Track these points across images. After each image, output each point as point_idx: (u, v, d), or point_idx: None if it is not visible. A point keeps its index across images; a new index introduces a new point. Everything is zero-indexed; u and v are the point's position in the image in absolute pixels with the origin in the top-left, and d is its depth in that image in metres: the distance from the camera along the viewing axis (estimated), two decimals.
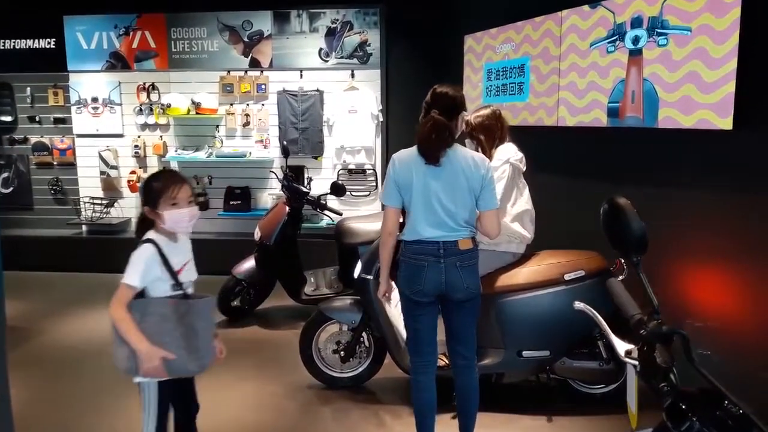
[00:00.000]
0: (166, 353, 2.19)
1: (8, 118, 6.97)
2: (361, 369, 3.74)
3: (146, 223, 2.36)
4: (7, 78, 6.92)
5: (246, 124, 6.62)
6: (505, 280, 3.39)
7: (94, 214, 6.82)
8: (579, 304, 1.93)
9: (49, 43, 6.74)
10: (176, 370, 2.26)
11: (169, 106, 6.50)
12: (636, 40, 3.56)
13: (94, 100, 6.80)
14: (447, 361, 3.38)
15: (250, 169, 6.63)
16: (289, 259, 4.90)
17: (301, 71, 6.48)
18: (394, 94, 6.47)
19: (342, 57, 6.39)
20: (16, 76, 6.91)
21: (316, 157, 6.57)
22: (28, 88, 6.91)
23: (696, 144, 3.41)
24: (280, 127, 6.54)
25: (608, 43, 3.77)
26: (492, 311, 3.40)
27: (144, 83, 6.73)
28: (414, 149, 2.69)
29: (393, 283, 2.95)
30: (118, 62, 6.67)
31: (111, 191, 6.96)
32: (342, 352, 3.66)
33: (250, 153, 6.56)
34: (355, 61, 6.39)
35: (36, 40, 6.77)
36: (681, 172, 3.54)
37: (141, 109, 6.75)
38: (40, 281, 6.38)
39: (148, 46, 6.61)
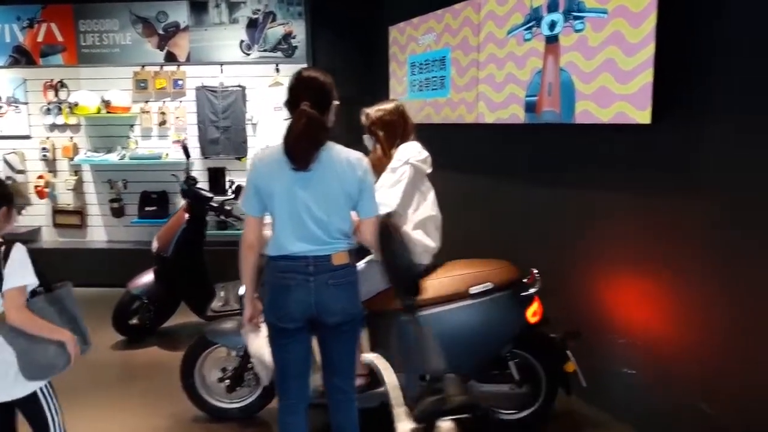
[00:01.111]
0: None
1: None
2: (251, 399, 3.30)
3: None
4: None
5: (162, 123, 6.13)
6: None
7: None
8: (368, 357, 1.51)
9: None
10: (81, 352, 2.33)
11: (76, 104, 5.97)
12: (552, 25, 3.20)
13: None
14: None
15: (167, 172, 6.12)
16: (191, 271, 4.44)
17: (221, 65, 6.02)
18: None
19: (265, 50, 5.94)
20: None
21: (239, 158, 6.11)
22: None
23: (614, 141, 3.07)
24: (199, 126, 6.06)
25: (525, 30, 3.40)
26: (390, 331, 3.00)
27: (52, 80, 6.19)
28: (279, 148, 2.24)
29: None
30: (22, 57, 6.10)
31: (17, 198, 6.39)
32: (228, 381, 3.22)
33: (167, 154, 6.07)
34: (279, 54, 5.95)
35: None
36: (599, 173, 3.21)
37: (49, 109, 6.22)
38: None
39: (54, 39, 6.06)
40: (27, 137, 6.31)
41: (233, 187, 4.94)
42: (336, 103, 2.34)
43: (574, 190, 3.37)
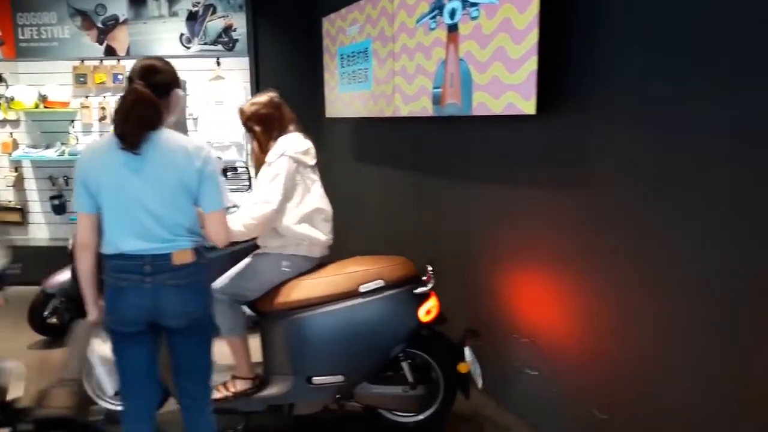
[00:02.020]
0: None
1: None
2: None
3: None
4: None
5: (102, 118, 5.99)
6: (292, 295, 2.86)
7: None
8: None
9: None
10: None
11: (12, 99, 5.83)
12: (453, 13, 3.08)
13: None
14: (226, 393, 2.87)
15: None
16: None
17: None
18: (266, 83, 5.88)
19: (205, 43, 5.82)
20: None
21: None
22: None
23: (507, 133, 2.97)
24: None
25: (430, 19, 3.28)
26: (276, 332, 2.88)
27: None
28: (109, 136, 2.10)
29: None
30: None
31: None
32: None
33: None
34: (220, 47, 5.83)
35: None
36: (497, 167, 3.10)
37: None
38: None
39: None
40: None
41: None
42: (180, 92, 2.22)
43: (478, 184, 3.26)
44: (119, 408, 3.03)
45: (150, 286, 2.09)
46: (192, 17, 5.78)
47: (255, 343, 2.99)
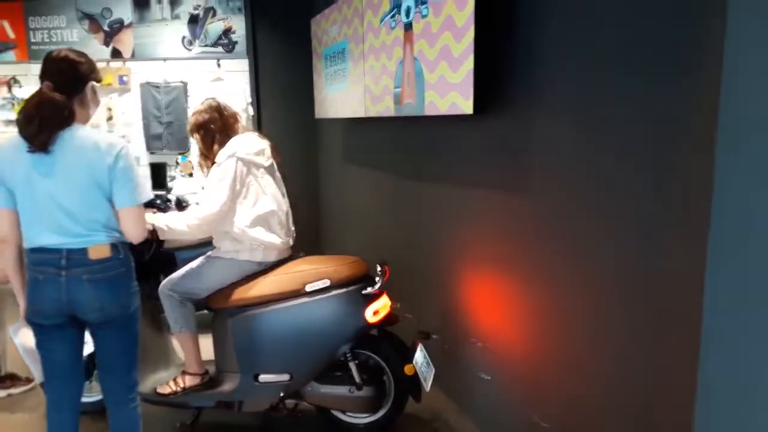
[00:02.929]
0: None
1: None
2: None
3: None
4: None
5: (109, 118, 6.17)
6: (240, 293, 2.89)
7: None
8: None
9: None
10: None
11: (24, 101, 6.06)
12: (408, 11, 3.06)
13: None
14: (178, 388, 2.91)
15: None
16: None
17: (164, 61, 6.02)
18: (266, 85, 6.00)
19: (206, 45, 5.93)
20: None
21: (182, 154, 6.11)
22: None
23: (451, 133, 2.93)
24: (143, 122, 6.08)
25: (390, 17, 3.27)
26: (224, 329, 2.92)
27: (5, 76, 6.30)
28: (18, 136, 2.12)
29: None
30: None
31: None
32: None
33: None
34: (220, 49, 5.93)
35: None
36: (447, 167, 3.07)
37: (3, 104, 6.33)
38: None
39: (6, 36, 6.17)
40: None
41: None
42: (94, 84, 2.24)
43: (431, 185, 3.23)
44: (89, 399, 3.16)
45: (65, 280, 2.13)
46: (193, 20, 5.90)
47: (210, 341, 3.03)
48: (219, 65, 5.96)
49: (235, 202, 2.82)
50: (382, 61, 3.42)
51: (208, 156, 2.94)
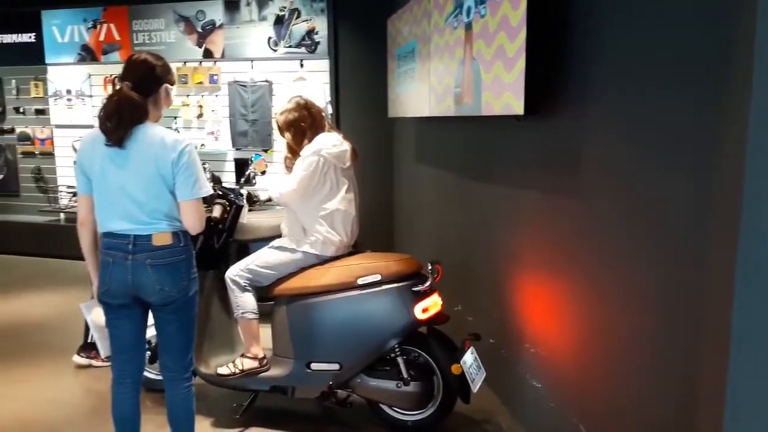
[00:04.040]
0: None
1: None
2: None
3: None
4: None
5: (200, 115, 6.56)
6: (297, 282, 3.03)
7: (68, 203, 7.06)
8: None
9: (30, 37, 7.04)
10: None
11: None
12: (468, 11, 3.06)
13: (68, 92, 7.01)
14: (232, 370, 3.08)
15: (203, 161, 6.54)
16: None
17: (251, 61, 6.31)
18: (345, 84, 6.15)
19: (290, 46, 6.16)
20: (3, 70, 7.27)
21: (266, 150, 6.39)
22: (13, 81, 7.25)
23: (506, 134, 2.91)
24: (230, 119, 6.41)
25: (454, 18, 3.28)
26: (281, 316, 3.06)
27: (111, 75, 6.84)
28: (98, 130, 2.34)
29: None
30: (87, 55, 6.83)
31: None
32: (149, 352, 3.43)
33: (203, 145, 6.49)
34: (303, 50, 6.14)
35: (19, 35, 7.08)
36: (503, 168, 3.05)
37: None
38: (8, 264, 6.68)
39: (113, 38, 6.72)
40: (90, 126, 7.01)
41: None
42: (169, 86, 2.43)
43: (487, 186, 3.21)
44: (151, 376, 3.41)
45: (131, 264, 2.33)
46: (279, 21, 6.15)
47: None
48: (302, 65, 6.17)
49: (309, 195, 2.98)
50: (445, 61, 3.45)
51: (297, 152, 3.11)
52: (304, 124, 3.13)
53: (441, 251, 4.04)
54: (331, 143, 3.06)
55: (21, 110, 7.29)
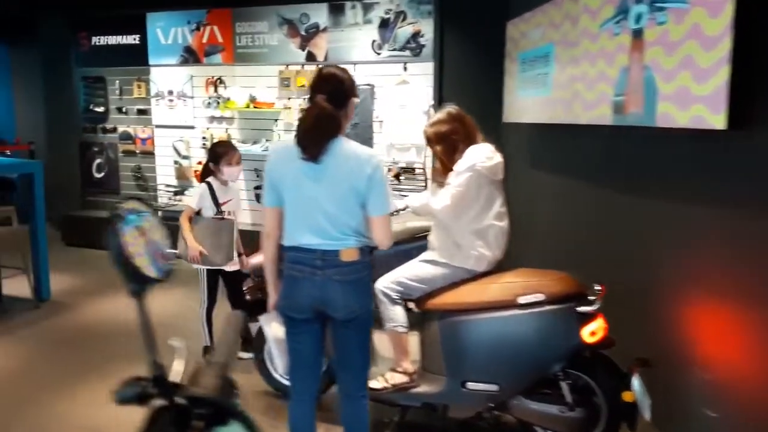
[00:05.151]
0: (202, 249, 3.74)
1: (101, 109, 7.57)
2: None
3: (208, 172, 3.93)
4: (101, 72, 7.52)
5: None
6: (450, 297, 2.94)
7: (167, 201, 7.21)
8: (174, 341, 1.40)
9: (134, 39, 7.20)
10: (207, 262, 3.80)
11: (228, 99, 6.64)
12: (638, 17, 2.90)
13: (170, 92, 7.15)
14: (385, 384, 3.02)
15: None
16: None
17: (354, 65, 6.28)
18: (449, 88, 6.04)
19: (394, 49, 6.09)
20: (108, 70, 7.48)
21: None
22: (117, 81, 7.44)
23: (693, 147, 2.73)
24: None
25: (614, 23, 3.13)
26: (432, 331, 2.97)
27: (213, 77, 6.93)
28: (292, 143, 2.32)
29: None
30: (190, 56, 6.94)
31: (183, 180, 7.29)
32: None
33: None
34: (407, 53, 6.06)
35: (124, 37, 7.26)
36: (680, 183, 2.87)
37: (209, 102, 6.97)
38: (106, 261, 6.82)
39: (216, 40, 6.80)
40: (191, 127, 7.15)
41: None
42: (356, 99, 2.39)
43: (655, 200, 3.03)
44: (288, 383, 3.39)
45: (319, 279, 2.30)
46: (384, 24, 6.09)
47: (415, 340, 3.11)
48: (405, 68, 6.10)
49: (463, 211, 2.88)
50: (599, 67, 3.29)
51: (448, 166, 2.98)
52: (456, 137, 3.01)
53: (566, 264, 3.87)
54: (484, 156, 2.95)
55: (123, 110, 7.48)
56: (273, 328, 2.70)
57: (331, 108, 2.26)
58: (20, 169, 5.27)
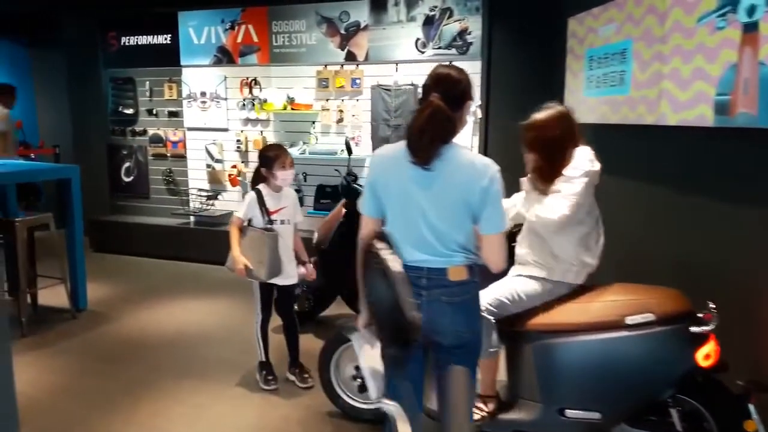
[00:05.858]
0: (246, 262, 3.45)
1: (130, 111, 7.37)
2: None
3: (260, 178, 3.63)
4: (131, 73, 7.31)
5: (340, 120, 6.34)
6: (547, 317, 2.69)
7: (199, 206, 7.00)
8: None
9: (166, 38, 6.99)
10: (252, 276, 3.52)
11: (265, 101, 6.43)
12: (752, 10, 2.65)
13: (203, 94, 6.94)
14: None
15: (342, 167, 6.33)
16: (346, 266, 4.49)
17: (396, 64, 6.04)
18: (496, 87, 5.80)
19: (439, 47, 5.85)
20: (137, 71, 7.27)
21: None
22: (147, 83, 7.24)
23: None
24: (372, 124, 6.16)
25: (718, 16, 2.87)
26: (526, 354, 2.73)
27: (247, 78, 6.71)
28: (401, 144, 2.09)
29: None
30: (224, 57, 6.72)
31: (216, 184, 7.08)
32: (359, 380, 3.18)
33: (342, 150, 6.26)
34: (453, 51, 5.81)
35: (155, 36, 7.05)
36: None
37: (244, 104, 6.76)
38: (139, 267, 6.64)
39: (251, 40, 6.57)
40: (225, 130, 6.93)
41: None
42: (471, 103, 2.15)
43: (763, 209, 2.78)
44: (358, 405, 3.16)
45: (425, 300, 2.06)
46: (428, 22, 5.84)
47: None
48: None
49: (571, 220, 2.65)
50: (696, 64, 3.04)
51: (554, 173, 2.69)
52: (567, 140, 2.74)
53: (640, 274, 3.62)
54: (589, 159, 2.71)
55: (154, 112, 7.27)
56: (365, 351, 2.47)
57: (445, 107, 2.02)
58: (58, 173, 5.07)
